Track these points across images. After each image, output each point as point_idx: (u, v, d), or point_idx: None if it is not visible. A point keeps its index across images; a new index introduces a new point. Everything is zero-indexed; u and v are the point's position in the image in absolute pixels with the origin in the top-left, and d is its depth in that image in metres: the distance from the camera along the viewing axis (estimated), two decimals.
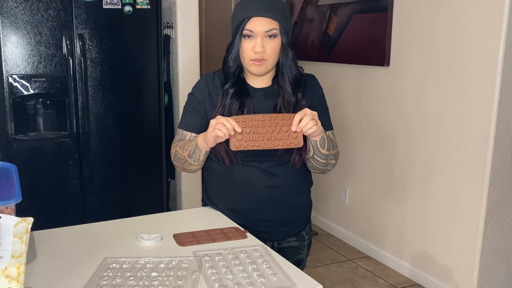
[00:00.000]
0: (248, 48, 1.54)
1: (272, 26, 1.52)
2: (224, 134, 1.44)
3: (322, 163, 1.60)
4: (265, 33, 1.52)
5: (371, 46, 3.22)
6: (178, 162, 1.64)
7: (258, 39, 1.52)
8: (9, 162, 1.35)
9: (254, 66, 1.56)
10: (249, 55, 1.54)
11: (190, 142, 1.59)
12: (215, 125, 1.45)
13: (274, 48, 1.55)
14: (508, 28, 2.43)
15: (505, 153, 2.60)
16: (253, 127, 1.46)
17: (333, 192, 3.78)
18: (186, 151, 1.59)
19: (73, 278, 1.22)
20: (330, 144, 1.58)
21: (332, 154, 1.61)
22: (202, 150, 1.56)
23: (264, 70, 1.57)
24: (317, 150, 1.55)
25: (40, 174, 2.78)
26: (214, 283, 1.19)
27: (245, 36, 1.54)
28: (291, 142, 1.47)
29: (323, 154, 1.56)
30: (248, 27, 1.52)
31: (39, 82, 2.70)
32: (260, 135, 1.46)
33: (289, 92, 1.59)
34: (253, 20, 1.52)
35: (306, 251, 1.78)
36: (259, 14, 1.51)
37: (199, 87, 1.67)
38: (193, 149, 1.57)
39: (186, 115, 1.68)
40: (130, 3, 2.84)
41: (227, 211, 1.67)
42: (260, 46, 1.52)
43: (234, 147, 1.46)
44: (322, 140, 1.53)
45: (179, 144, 1.64)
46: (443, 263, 2.89)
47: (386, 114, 3.21)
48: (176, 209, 3.46)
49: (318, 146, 1.54)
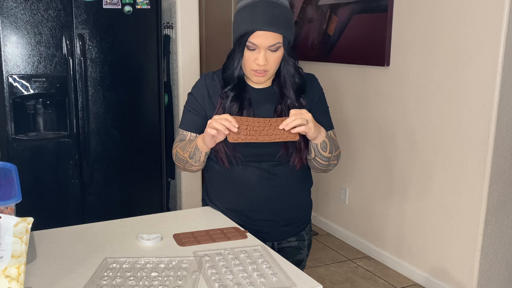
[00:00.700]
0: (250, 59, 1.54)
1: (276, 41, 1.51)
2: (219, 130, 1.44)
3: (323, 164, 1.61)
4: (268, 47, 1.51)
5: (371, 46, 3.22)
6: (180, 163, 1.65)
7: (261, 53, 1.51)
8: (9, 162, 1.35)
9: (255, 77, 1.57)
10: (251, 66, 1.54)
11: (190, 143, 1.59)
12: (212, 122, 1.45)
13: (276, 60, 1.55)
14: (508, 28, 2.43)
15: (505, 153, 2.60)
16: (249, 125, 1.48)
17: (333, 192, 3.78)
18: (186, 152, 1.59)
19: (73, 278, 1.22)
20: (332, 147, 1.59)
21: (334, 156, 1.61)
22: (202, 151, 1.56)
23: (265, 79, 1.59)
24: (319, 152, 1.56)
25: (40, 174, 2.78)
26: (214, 283, 1.19)
27: (248, 48, 1.54)
28: (287, 136, 1.48)
29: (325, 156, 1.57)
30: (252, 40, 1.51)
31: (39, 82, 2.70)
32: (256, 131, 1.48)
33: (292, 98, 1.60)
34: (257, 34, 1.50)
35: (306, 251, 1.78)
36: (264, 29, 1.49)
37: (198, 87, 1.67)
38: (193, 150, 1.57)
39: (186, 115, 1.68)
40: (130, 3, 2.84)
41: (227, 211, 1.67)
42: (263, 60, 1.51)
43: (231, 140, 1.47)
44: (323, 143, 1.54)
45: (179, 145, 1.64)
46: (443, 263, 2.89)
47: (386, 114, 3.21)
48: (176, 209, 3.46)
49: (319, 149, 1.55)
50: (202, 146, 1.54)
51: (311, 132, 1.47)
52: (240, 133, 1.46)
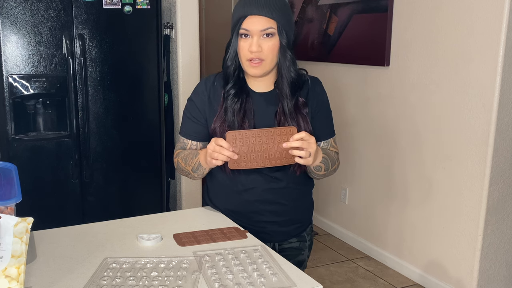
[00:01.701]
0: (244, 47, 1.51)
1: (268, 25, 1.48)
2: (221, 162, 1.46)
3: (320, 175, 1.63)
4: (261, 32, 1.49)
5: (371, 46, 3.22)
6: (182, 173, 1.67)
7: (254, 38, 1.49)
8: (9, 162, 1.35)
9: (251, 68, 1.53)
10: (246, 55, 1.51)
11: (193, 157, 1.59)
12: (211, 153, 1.45)
13: (271, 48, 1.50)
14: (508, 28, 2.43)
15: (505, 153, 2.60)
16: (250, 144, 1.44)
17: (333, 192, 3.78)
18: (189, 166, 1.60)
19: (73, 278, 1.22)
20: (328, 164, 1.59)
21: (330, 171, 1.63)
22: (206, 168, 1.58)
23: (262, 71, 1.54)
24: (313, 172, 1.59)
25: (40, 174, 2.78)
26: (214, 283, 1.19)
27: (241, 35, 1.52)
28: (288, 160, 1.47)
29: (320, 174, 1.61)
30: (244, 26, 1.49)
31: (39, 82, 2.70)
32: (257, 154, 1.45)
33: (288, 95, 1.56)
34: (249, 18, 1.49)
35: (307, 252, 1.78)
36: (255, 12, 1.48)
37: (198, 93, 1.64)
38: (196, 166, 1.59)
39: (186, 122, 1.67)
40: (130, 3, 2.84)
41: (228, 212, 1.67)
42: (256, 45, 1.49)
43: (232, 167, 1.47)
44: (318, 167, 1.56)
45: (181, 155, 1.64)
46: (443, 263, 2.89)
47: (386, 114, 3.21)
48: (176, 209, 3.46)
49: (313, 170, 1.58)
50: (205, 164, 1.55)
51: (308, 164, 1.48)
52: (240, 160, 1.45)
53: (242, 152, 1.44)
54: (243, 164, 1.45)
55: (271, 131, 1.45)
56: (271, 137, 1.44)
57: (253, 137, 1.44)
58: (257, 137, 1.44)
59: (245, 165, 1.46)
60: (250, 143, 1.44)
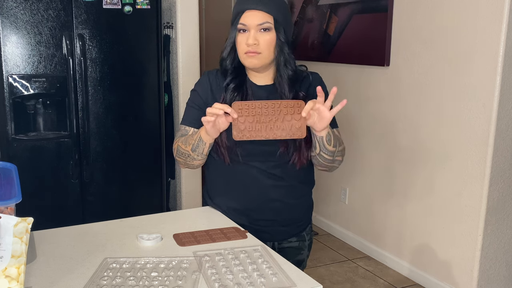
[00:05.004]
0: (242, 41, 1.54)
1: (265, 19, 1.52)
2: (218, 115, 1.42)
3: (328, 160, 1.59)
4: (257, 26, 1.52)
5: (371, 46, 3.22)
6: (181, 157, 1.63)
7: (251, 32, 1.53)
8: (9, 162, 1.35)
9: (247, 59, 1.55)
10: (243, 49, 1.54)
11: (193, 136, 1.58)
12: (208, 113, 1.44)
13: (268, 42, 1.53)
14: (508, 28, 2.43)
15: (505, 153, 2.60)
16: (255, 115, 1.44)
17: (333, 192, 3.78)
18: (189, 145, 1.58)
19: (73, 278, 1.22)
20: (337, 141, 1.58)
21: (338, 151, 1.60)
22: (206, 142, 1.55)
23: (259, 63, 1.56)
24: (323, 146, 1.54)
25: (40, 174, 2.78)
26: (214, 283, 1.19)
27: (239, 30, 1.55)
28: (294, 133, 1.46)
29: (330, 151, 1.56)
30: (242, 20, 1.53)
31: (39, 82, 2.70)
32: (263, 125, 1.45)
33: (287, 90, 1.58)
34: (246, 13, 1.53)
35: (307, 251, 1.78)
36: (252, 7, 1.52)
37: (201, 83, 1.67)
38: (196, 142, 1.56)
39: (188, 110, 1.67)
40: (130, 3, 2.84)
41: (228, 210, 1.67)
42: (253, 39, 1.52)
43: (237, 137, 1.45)
44: (328, 136, 1.53)
45: (181, 139, 1.63)
46: (443, 263, 2.89)
47: (386, 114, 3.21)
48: (176, 209, 3.46)
49: (325, 142, 1.53)
50: (206, 137, 1.53)
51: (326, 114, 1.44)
52: (245, 129, 1.44)
53: (247, 122, 1.44)
54: (248, 134, 1.45)
55: (278, 103, 1.45)
56: (278, 109, 1.45)
57: (259, 108, 1.45)
58: (263, 108, 1.45)
59: (249, 136, 1.45)
60: (256, 113, 1.45)
